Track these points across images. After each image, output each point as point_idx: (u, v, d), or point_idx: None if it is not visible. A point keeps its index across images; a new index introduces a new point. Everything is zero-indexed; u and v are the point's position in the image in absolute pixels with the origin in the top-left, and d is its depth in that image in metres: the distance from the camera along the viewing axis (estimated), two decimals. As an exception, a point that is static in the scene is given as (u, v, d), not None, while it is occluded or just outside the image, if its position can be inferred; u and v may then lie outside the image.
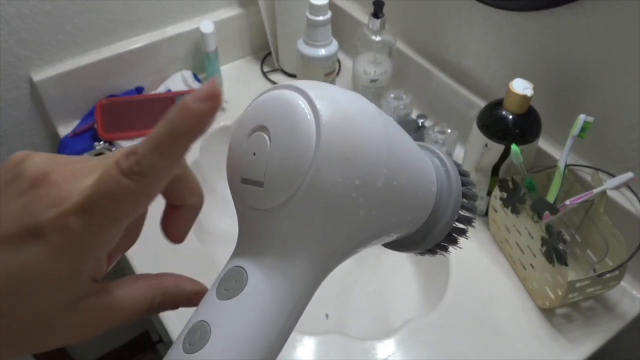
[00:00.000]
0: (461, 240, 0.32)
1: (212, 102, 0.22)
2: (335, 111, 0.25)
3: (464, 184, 0.31)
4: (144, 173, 0.22)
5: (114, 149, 0.25)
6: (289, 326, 0.26)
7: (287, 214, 0.25)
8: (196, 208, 0.28)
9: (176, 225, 0.28)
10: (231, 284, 0.26)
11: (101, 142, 0.78)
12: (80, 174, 0.23)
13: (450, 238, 0.31)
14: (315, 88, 0.25)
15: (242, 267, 0.26)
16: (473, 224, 0.31)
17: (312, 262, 0.27)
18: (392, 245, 0.32)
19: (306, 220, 0.25)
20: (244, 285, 0.25)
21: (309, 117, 0.24)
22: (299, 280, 0.26)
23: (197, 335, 0.24)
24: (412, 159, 0.28)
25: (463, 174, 0.31)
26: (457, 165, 0.31)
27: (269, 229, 0.26)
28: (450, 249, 0.32)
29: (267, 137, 0.25)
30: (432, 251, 0.32)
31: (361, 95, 0.27)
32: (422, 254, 0.33)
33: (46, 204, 0.22)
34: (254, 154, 0.25)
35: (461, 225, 0.31)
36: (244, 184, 0.26)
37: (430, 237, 0.31)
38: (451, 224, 0.30)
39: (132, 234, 0.27)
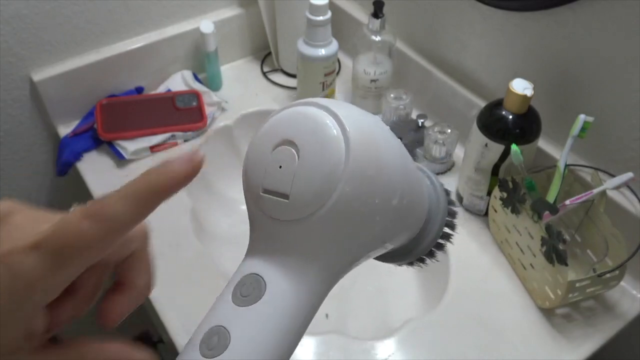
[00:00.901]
0: (439, 254, 0.34)
1: (193, 169, 0.24)
2: (361, 130, 0.26)
3: (447, 202, 0.33)
4: (105, 219, 0.22)
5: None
6: (302, 332, 0.27)
7: (310, 226, 0.26)
8: (142, 292, 0.27)
9: (114, 307, 0.26)
10: (249, 290, 0.26)
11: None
12: (43, 220, 0.23)
13: (431, 252, 0.34)
14: (340, 107, 0.27)
15: (259, 275, 0.27)
16: (452, 240, 0.34)
17: (326, 272, 0.28)
18: (379, 257, 0.34)
19: (327, 233, 0.26)
20: (263, 293, 0.26)
21: (337, 135, 0.25)
22: (314, 288, 0.27)
23: (215, 341, 0.25)
24: (417, 178, 0.30)
25: (446, 192, 0.33)
26: (440, 184, 0.34)
27: (289, 239, 0.27)
28: (428, 261, 0.34)
29: (294, 152, 0.26)
30: (411, 263, 0.34)
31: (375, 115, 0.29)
32: (400, 264, 0.35)
33: (4, 242, 0.21)
34: (280, 167, 0.26)
35: (442, 241, 0.33)
36: (267, 194, 0.27)
37: (416, 251, 0.33)
38: (437, 239, 0.33)
39: (85, 298, 0.26)
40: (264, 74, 0.98)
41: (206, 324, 0.26)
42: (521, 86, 0.62)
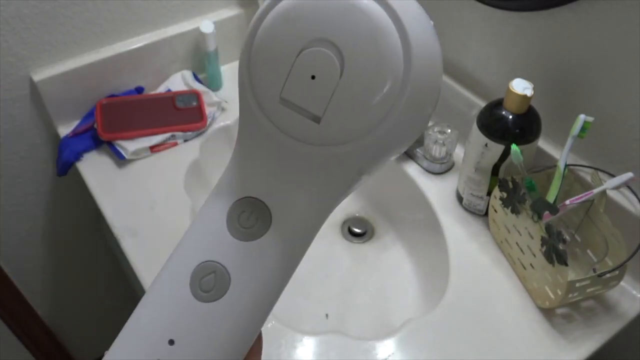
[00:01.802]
0: None
1: None
2: (423, 38, 0.20)
3: None
4: None
5: None
6: (294, 270, 0.23)
7: (339, 155, 0.20)
8: None
9: None
10: (251, 221, 0.22)
11: None
12: None
13: None
14: (400, 2, 0.20)
15: (263, 203, 0.22)
16: None
17: (336, 201, 0.22)
18: None
19: (357, 163, 0.21)
20: (269, 226, 0.21)
21: (397, 44, 0.19)
22: (319, 221, 0.23)
23: (212, 281, 0.21)
24: None
25: None
26: None
27: (306, 164, 0.21)
28: None
29: (336, 61, 0.19)
30: None
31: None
32: None
33: None
34: (313, 78, 0.20)
35: None
36: (285, 106, 0.21)
37: None
38: None
39: None
40: (264, 74, 0.98)
41: (193, 257, 0.22)
42: (521, 86, 0.62)
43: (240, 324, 0.21)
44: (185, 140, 0.85)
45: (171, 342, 0.21)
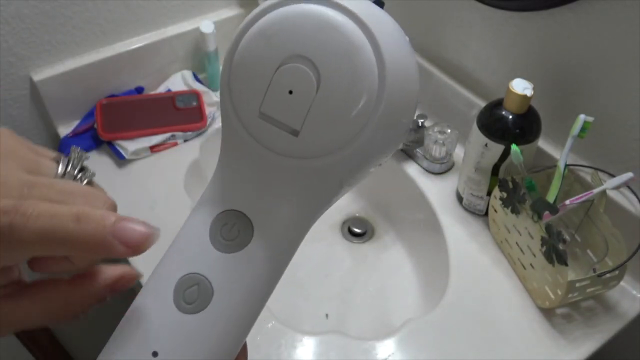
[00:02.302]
0: None
1: (133, 251, 0.20)
2: (398, 57, 0.20)
3: None
4: (14, 231, 0.19)
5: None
6: (277, 281, 0.24)
7: (317, 167, 0.21)
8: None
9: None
10: (234, 233, 0.22)
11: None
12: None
13: None
14: (375, 20, 0.20)
15: (245, 215, 0.22)
16: None
17: (318, 213, 0.23)
18: None
19: (335, 176, 0.22)
20: (251, 238, 0.22)
21: (372, 63, 0.20)
22: (304, 230, 0.23)
23: (195, 292, 0.22)
24: None
25: None
26: None
27: (287, 176, 0.22)
28: None
29: (312, 77, 0.20)
30: None
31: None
32: None
33: None
34: (291, 93, 0.21)
35: None
36: (264, 120, 0.22)
37: None
38: None
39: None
40: (264, 74, 0.98)
41: (177, 269, 0.22)
42: (521, 86, 0.62)
43: (223, 335, 0.22)
44: (185, 140, 0.85)
45: (155, 354, 0.21)
